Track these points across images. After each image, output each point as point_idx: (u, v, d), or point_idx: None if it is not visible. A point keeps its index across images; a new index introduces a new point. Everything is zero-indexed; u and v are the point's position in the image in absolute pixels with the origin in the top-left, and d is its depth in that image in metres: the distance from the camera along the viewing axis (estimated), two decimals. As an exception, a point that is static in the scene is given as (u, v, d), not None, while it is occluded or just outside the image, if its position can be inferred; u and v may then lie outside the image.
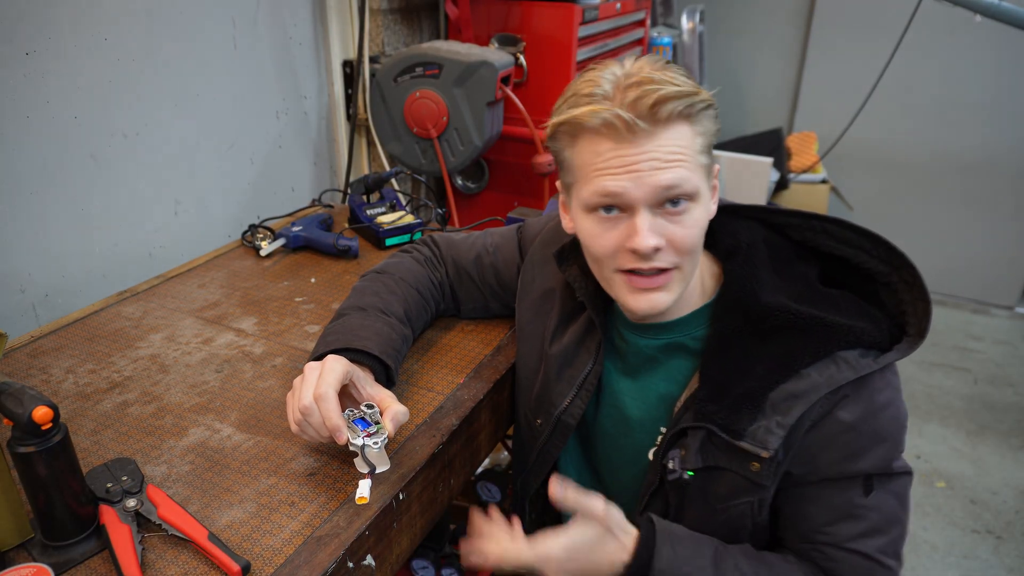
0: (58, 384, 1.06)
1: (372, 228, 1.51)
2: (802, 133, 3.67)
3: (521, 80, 2.04)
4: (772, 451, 0.80)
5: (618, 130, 0.79)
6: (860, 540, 0.84)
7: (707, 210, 0.85)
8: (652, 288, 0.84)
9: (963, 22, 2.88)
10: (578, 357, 1.00)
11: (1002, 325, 3.43)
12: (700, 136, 0.82)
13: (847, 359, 0.82)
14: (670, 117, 0.78)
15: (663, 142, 0.79)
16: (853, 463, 0.83)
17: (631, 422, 0.98)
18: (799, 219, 0.94)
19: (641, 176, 0.79)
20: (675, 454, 0.88)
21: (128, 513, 0.80)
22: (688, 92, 0.79)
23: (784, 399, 0.82)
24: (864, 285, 0.92)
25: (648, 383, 0.97)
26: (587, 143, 0.82)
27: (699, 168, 0.82)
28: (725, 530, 0.88)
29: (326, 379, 0.85)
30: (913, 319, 0.86)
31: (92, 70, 1.35)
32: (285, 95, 1.85)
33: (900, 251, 0.88)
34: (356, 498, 0.83)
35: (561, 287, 1.04)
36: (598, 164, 0.81)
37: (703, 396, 0.86)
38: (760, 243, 0.92)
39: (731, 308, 0.88)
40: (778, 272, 0.91)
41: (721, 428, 0.83)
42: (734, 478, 0.85)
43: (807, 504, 0.86)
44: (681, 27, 3.36)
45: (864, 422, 0.82)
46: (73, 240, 1.38)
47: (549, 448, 1.03)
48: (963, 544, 2.18)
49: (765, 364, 0.85)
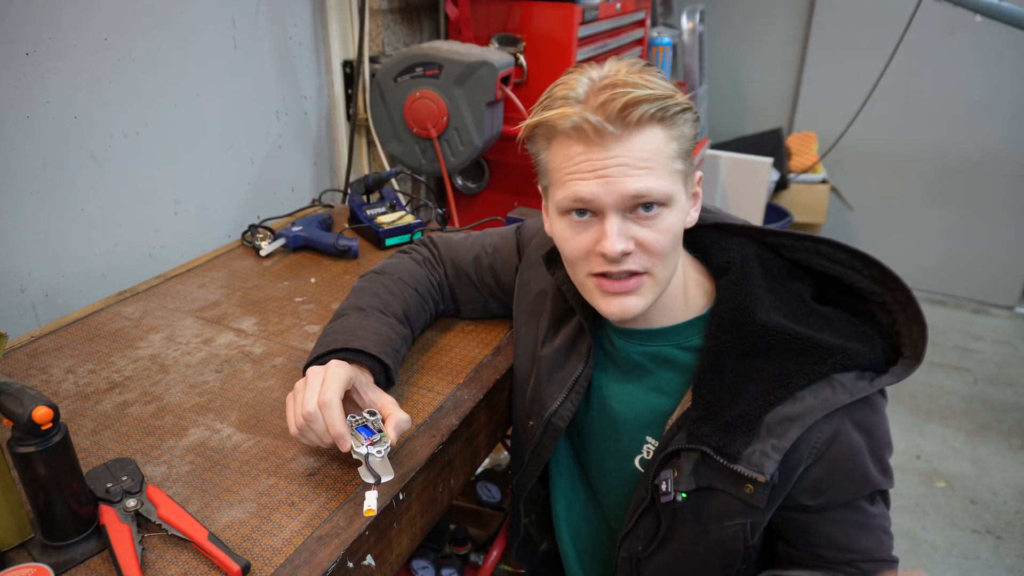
0: (58, 384, 1.06)
1: (372, 228, 1.51)
2: (802, 133, 3.67)
3: (521, 80, 2.04)
4: (768, 476, 0.80)
5: (587, 134, 0.78)
6: (879, 548, 0.86)
7: (683, 216, 0.84)
8: (623, 292, 0.84)
9: (963, 22, 2.88)
10: (569, 360, 0.99)
11: (1002, 325, 3.43)
12: (675, 141, 0.80)
13: (842, 382, 0.82)
14: (641, 120, 0.77)
15: (634, 147, 0.78)
16: (864, 485, 0.84)
17: (618, 426, 0.98)
18: (791, 239, 0.92)
19: (610, 181, 0.79)
20: (667, 475, 0.87)
21: (128, 513, 0.80)
22: (661, 95, 0.78)
23: (779, 422, 0.81)
24: (857, 303, 0.90)
25: (637, 389, 0.96)
26: (560, 146, 0.82)
27: (673, 174, 0.81)
28: (718, 550, 0.88)
29: (330, 385, 0.85)
30: (908, 341, 0.85)
31: (92, 70, 1.35)
32: (285, 95, 1.85)
33: (893, 273, 0.86)
34: (364, 511, 0.82)
35: (553, 289, 1.04)
36: (569, 168, 0.81)
37: (696, 416, 0.86)
38: (753, 260, 0.91)
39: (725, 326, 0.87)
40: (772, 290, 0.89)
41: (715, 451, 0.83)
42: (727, 499, 0.85)
43: (828, 528, 0.86)
44: (681, 27, 3.36)
45: (866, 444, 0.83)
46: (73, 240, 1.38)
47: (540, 450, 1.03)
48: (963, 544, 2.18)
49: (760, 385, 0.84)
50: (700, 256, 0.97)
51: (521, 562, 1.29)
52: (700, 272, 0.95)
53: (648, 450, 0.96)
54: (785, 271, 0.92)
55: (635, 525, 0.93)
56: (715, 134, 3.85)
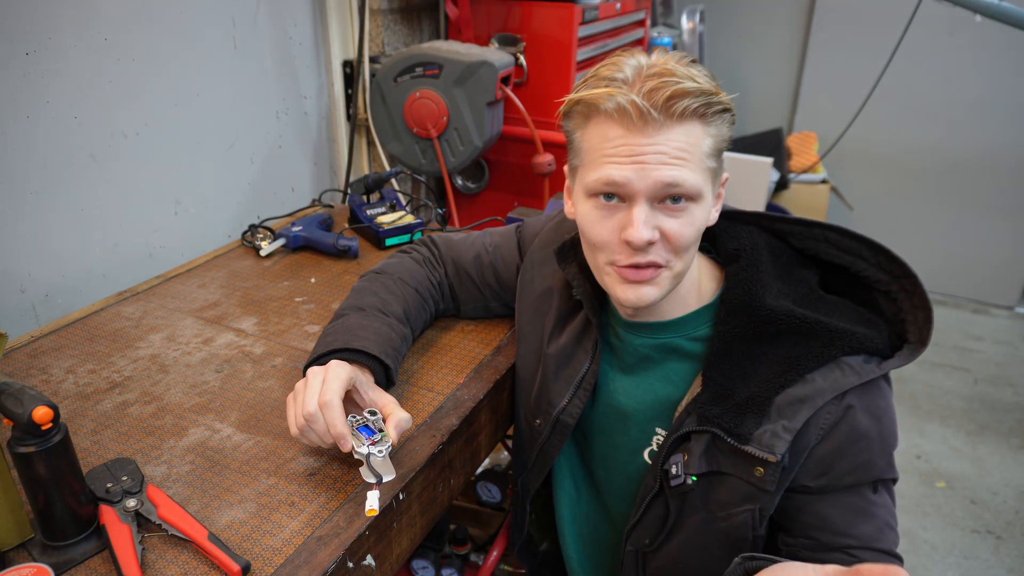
0: (58, 384, 1.06)
1: (372, 228, 1.51)
2: (802, 133, 3.67)
3: (521, 80, 2.04)
4: (779, 456, 0.80)
5: (630, 117, 0.78)
6: (878, 538, 0.85)
7: (707, 214, 0.85)
8: (641, 281, 0.84)
9: (963, 22, 2.88)
10: (575, 356, 0.99)
11: (1002, 325, 3.43)
12: (711, 138, 0.81)
13: (851, 364, 0.82)
14: (684, 113, 0.78)
15: (673, 137, 0.78)
16: (868, 471, 0.83)
17: (627, 419, 0.98)
18: (800, 227, 0.94)
19: (646, 168, 0.79)
20: (677, 459, 0.87)
21: (128, 513, 0.80)
22: (707, 91, 0.78)
23: (789, 403, 0.81)
24: (862, 294, 0.91)
25: (644, 381, 0.96)
26: (598, 126, 0.82)
27: (705, 171, 0.81)
28: (725, 541, 0.87)
29: (331, 386, 0.85)
30: (914, 327, 0.86)
31: (92, 70, 1.35)
32: (285, 95, 1.85)
33: (901, 260, 0.87)
34: (366, 511, 0.82)
35: (559, 287, 1.04)
36: (606, 149, 0.81)
37: (706, 399, 0.86)
38: (763, 247, 0.92)
39: (735, 311, 0.88)
40: (781, 276, 0.90)
41: (726, 432, 0.83)
42: (737, 483, 0.84)
43: (825, 509, 0.85)
44: (681, 27, 3.36)
45: (874, 429, 0.83)
46: (73, 240, 1.38)
47: (548, 448, 1.03)
48: (963, 544, 2.18)
49: (769, 368, 0.84)
50: (707, 245, 0.97)
51: (523, 562, 1.29)
52: (708, 261, 0.96)
53: (657, 441, 0.96)
54: (794, 259, 0.93)
55: (643, 515, 0.93)
56: (715, 134, 3.84)
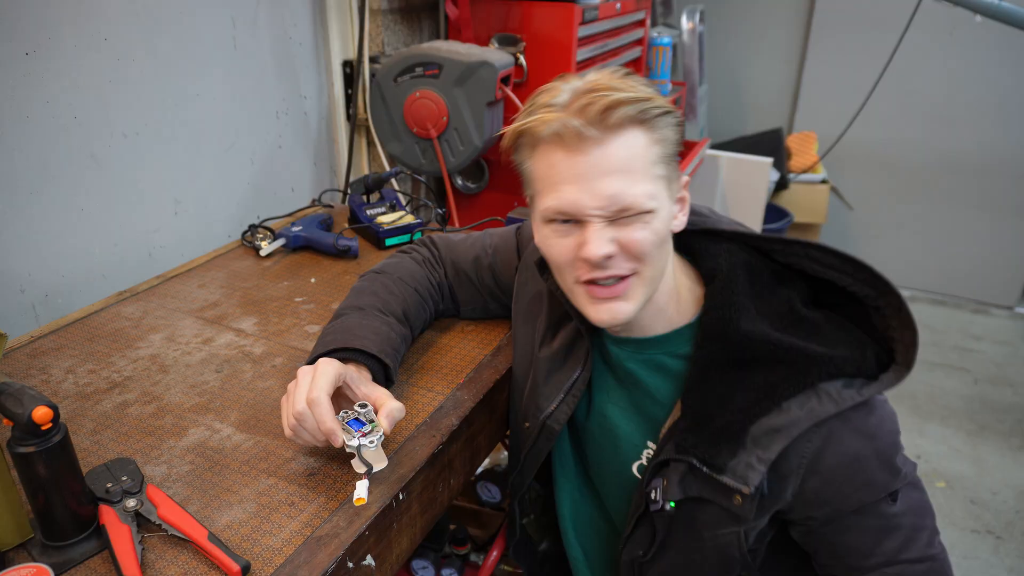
0: (58, 384, 1.06)
1: (372, 228, 1.51)
2: (802, 133, 3.67)
3: (521, 80, 2.04)
4: (753, 488, 0.80)
5: (567, 140, 0.78)
6: (906, 549, 0.84)
7: (666, 221, 0.83)
8: (611, 297, 0.84)
9: (963, 22, 2.88)
10: (567, 363, 0.99)
11: (1002, 325, 3.43)
12: (657, 145, 0.80)
13: (829, 392, 0.80)
14: (621, 122, 0.77)
15: (613, 151, 0.78)
16: (871, 490, 0.82)
17: (617, 432, 0.98)
18: (781, 244, 0.92)
19: (591, 184, 0.78)
20: (657, 483, 0.88)
21: (128, 513, 0.80)
22: (641, 98, 0.78)
23: (765, 433, 0.80)
24: (853, 307, 0.89)
25: (633, 395, 0.96)
26: (543, 154, 0.82)
27: (655, 178, 0.80)
28: (716, 557, 0.88)
29: (318, 383, 0.85)
30: (900, 346, 0.84)
31: (92, 70, 1.35)
32: (285, 95, 1.85)
33: (884, 278, 0.85)
34: (354, 499, 0.83)
35: (549, 292, 1.04)
36: (553, 176, 0.81)
37: (683, 427, 0.86)
38: (740, 268, 0.90)
39: (711, 336, 0.87)
40: (759, 296, 0.88)
41: (702, 462, 0.83)
42: (717, 510, 0.85)
43: (842, 536, 0.85)
44: (681, 27, 3.36)
45: (866, 448, 0.81)
46: (73, 240, 1.38)
47: (536, 451, 1.03)
48: (963, 544, 2.18)
49: (745, 395, 0.83)
50: (692, 260, 0.96)
51: (519, 562, 1.29)
52: (691, 278, 0.94)
53: (647, 455, 0.96)
54: (774, 277, 0.91)
55: (633, 531, 0.94)
56: (715, 134, 3.84)
